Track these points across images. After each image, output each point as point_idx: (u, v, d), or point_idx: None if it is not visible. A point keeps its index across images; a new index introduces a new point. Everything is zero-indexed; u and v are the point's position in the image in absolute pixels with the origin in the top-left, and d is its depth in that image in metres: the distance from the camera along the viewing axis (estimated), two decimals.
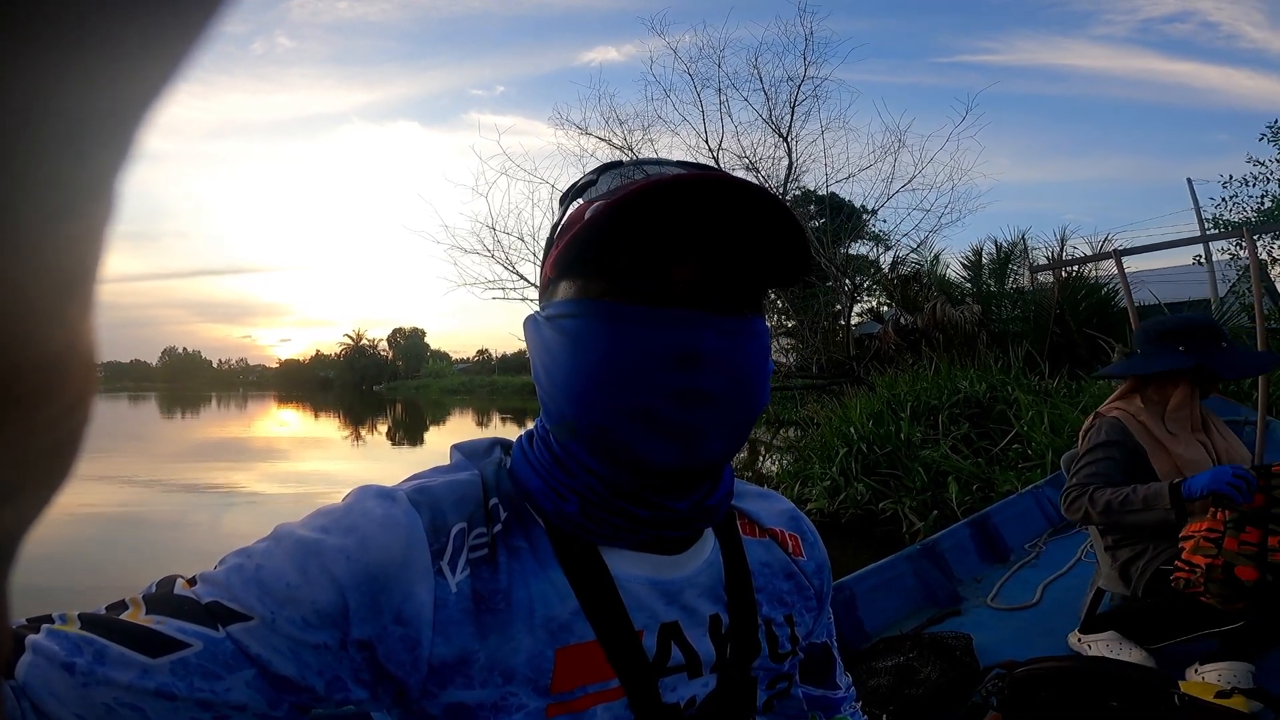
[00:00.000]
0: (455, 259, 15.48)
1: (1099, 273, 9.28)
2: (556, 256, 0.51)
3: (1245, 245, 4.16)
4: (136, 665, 0.41)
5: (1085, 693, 1.45)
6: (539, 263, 0.59)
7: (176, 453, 14.41)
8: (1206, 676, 1.63)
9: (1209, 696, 1.42)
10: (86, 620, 0.42)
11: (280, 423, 26.50)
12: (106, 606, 0.44)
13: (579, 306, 0.51)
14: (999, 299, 9.94)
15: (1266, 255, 13.00)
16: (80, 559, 5.29)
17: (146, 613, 0.43)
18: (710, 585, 0.58)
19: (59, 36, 0.09)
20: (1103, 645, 1.89)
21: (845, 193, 13.10)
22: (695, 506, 0.54)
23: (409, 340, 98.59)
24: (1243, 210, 13.78)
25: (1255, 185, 13.69)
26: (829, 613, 0.72)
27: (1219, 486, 1.61)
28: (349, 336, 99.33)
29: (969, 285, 10.71)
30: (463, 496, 0.53)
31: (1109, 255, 4.08)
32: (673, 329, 0.49)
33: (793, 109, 11.90)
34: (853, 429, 5.82)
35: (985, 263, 10.62)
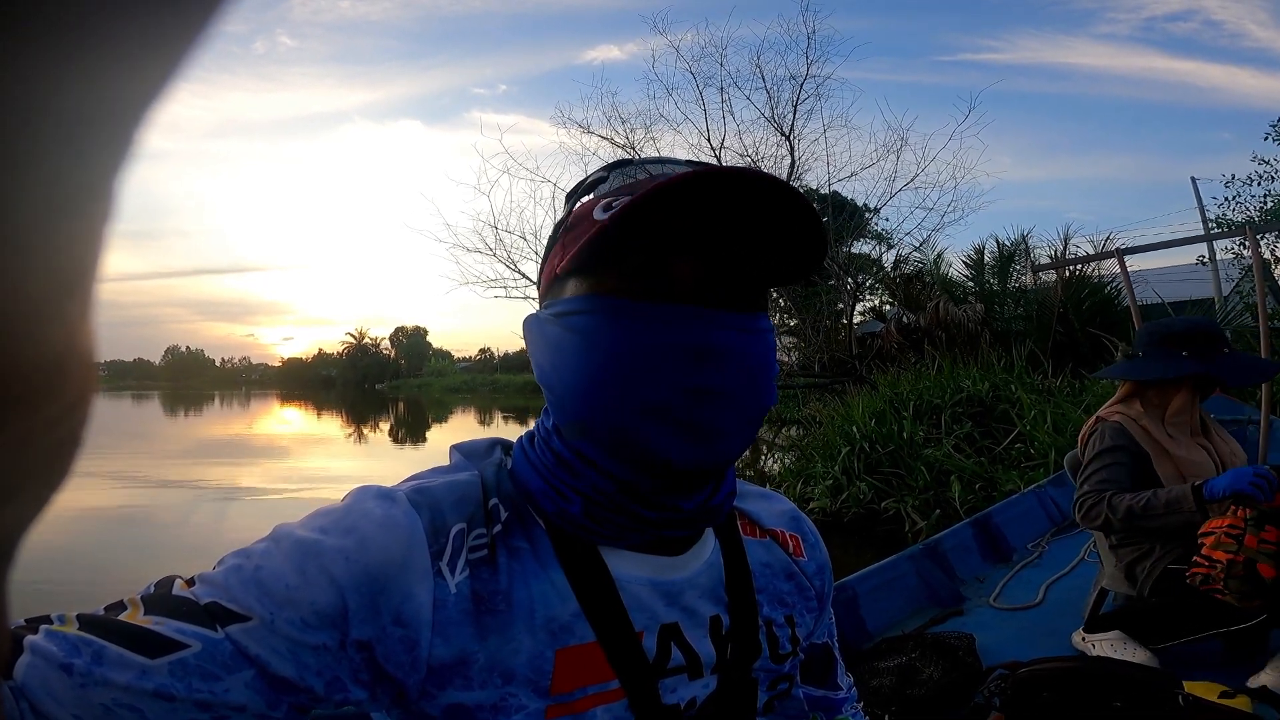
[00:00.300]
0: (457, 257, 15.48)
1: (1101, 272, 9.25)
2: (572, 254, 0.50)
3: (1249, 244, 4.14)
4: (135, 666, 0.41)
5: (1089, 693, 1.45)
6: (540, 261, 0.59)
7: (180, 451, 14.44)
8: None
9: (1213, 697, 1.41)
10: (85, 621, 0.42)
11: (283, 421, 26.57)
12: (105, 607, 0.44)
13: (592, 303, 0.50)
14: (1002, 298, 9.92)
15: (1270, 254, 12.94)
16: (82, 557, 5.30)
17: (145, 613, 0.43)
18: (711, 586, 0.57)
19: (59, 36, 0.09)
20: (1107, 645, 1.89)
21: (848, 191, 13.12)
22: (701, 506, 0.54)
23: (411, 339, 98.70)
24: (1245, 210, 13.71)
25: (1259, 184, 13.61)
26: (830, 613, 0.72)
27: (1241, 486, 1.61)
28: (351, 335, 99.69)
29: (971, 284, 10.68)
30: (462, 497, 0.53)
31: (1112, 254, 4.07)
32: (687, 326, 0.49)
33: (795, 107, 11.87)
34: (855, 428, 5.82)
35: (988, 261, 10.60)
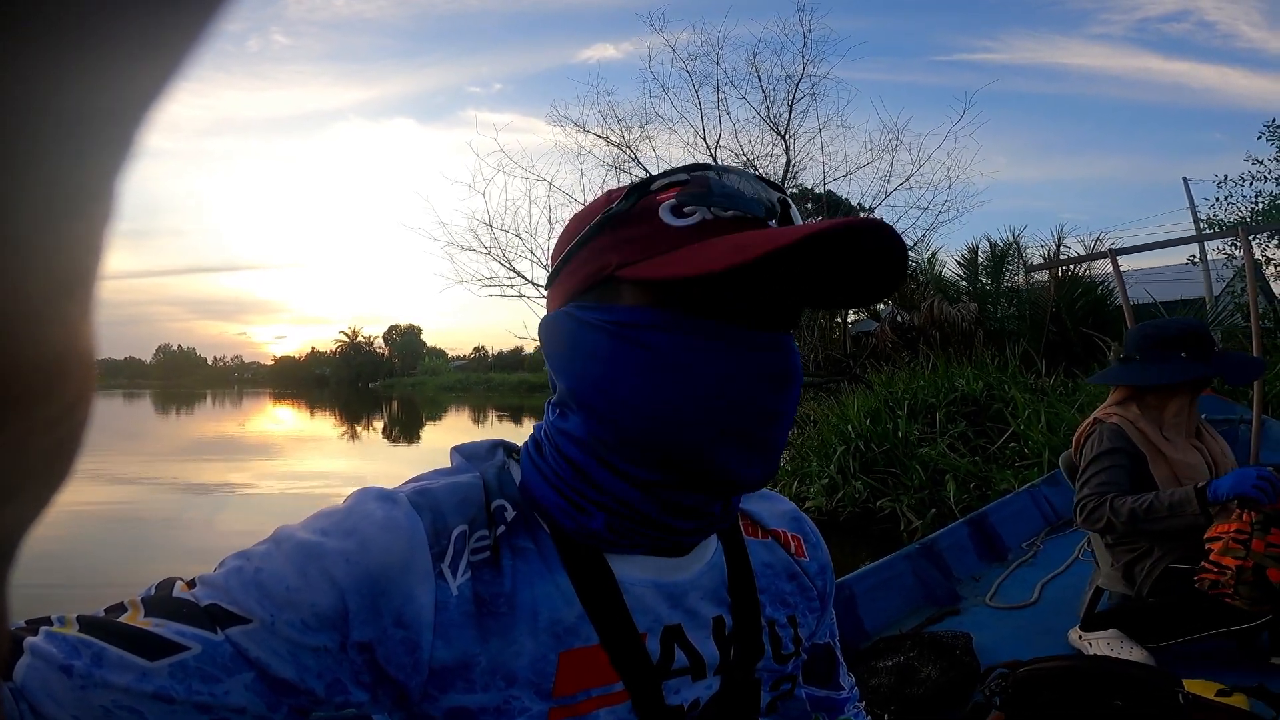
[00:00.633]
0: (452, 256, 15.37)
1: (1094, 272, 9.31)
2: (675, 265, 0.47)
3: (1240, 244, 4.17)
4: (135, 668, 0.41)
5: (1089, 692, 1.46)
6: (539, 257, 0.58)
7: (171, 450, 14.38)
8: None
9: (1211, 695, 1.42)
10: (85, 623, 0.42)
11: (276, 420, 26.47)
12: (105, 609, 0.44)
13: (676, 320, 0.49)
14: (995, 297, 9.97)
15: (1261, 255, 13.03)
16: (77, 558, 5.28)
17: (145, 615, 0.43)
18: (713, 587, 0.57)
19: (59, 36, 0.09)
20: (1104, 643, 1.89)
21: (843, 190, 13.07)
22: (725, 509, 0.55)
23: (405, 337, 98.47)
24: (1237, 210, 13.80)
25: (1250, 184, 13.71)
26: (832, 613, 0.72)
27: (1245, 489, 1.61)
28: (345, 334, 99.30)
29: (965, 284, 10.73)
30: (464, 499, 0.53)
31: (1104, 254, 4.09)
32: (775, 352, 0.51)
33: (790, 107, 11.90)
34: (850, 427, 5.84)
35: (981, 261, 10.64)
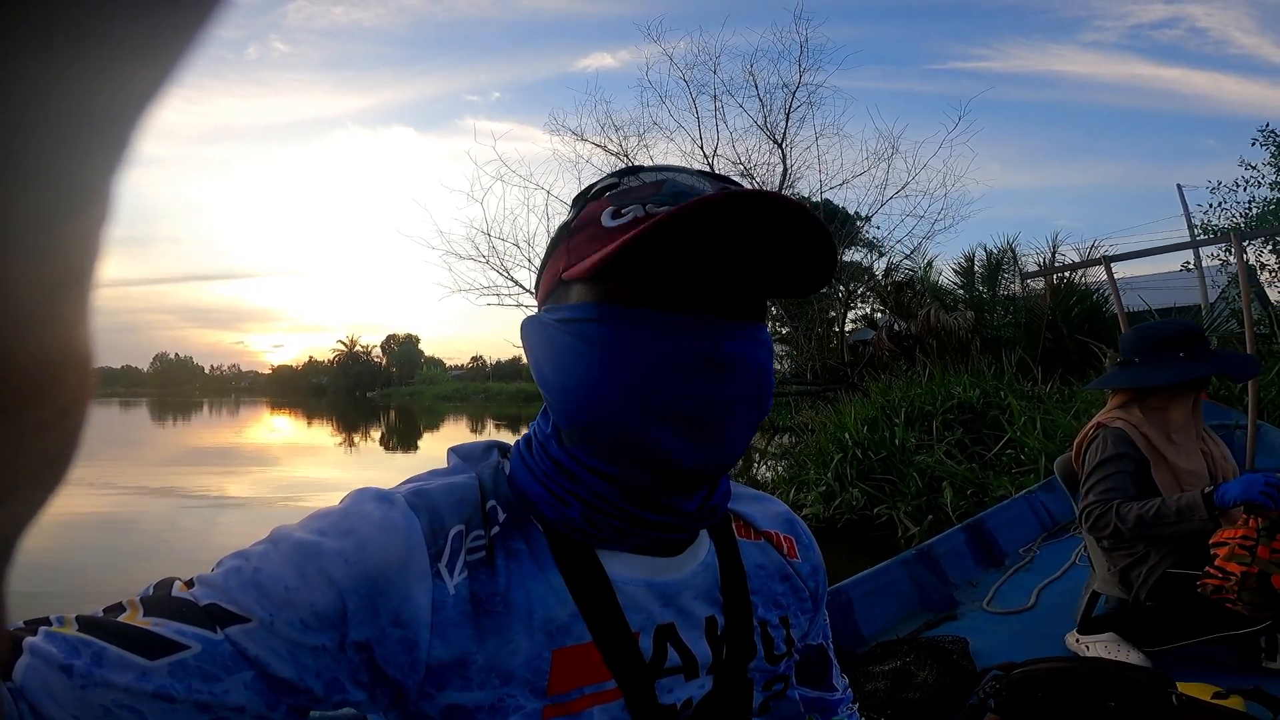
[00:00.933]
0: (450, 265, 15.38)
1: (1088, 279, 9.34)
2: (592, 263, 0.49)
3: (1234, 250, 4.19)
4: (135, 667, 0.41)
5: (1083, 693, 1.46)
6: (536, 266, 0.59)
7: (168, 459, 14.31)
8: None
9: (1206, 697, 1.42)
10: (84, 622, 0.42)
11: (273, 429, 26.37)
12: (104, 609, 0.44)
13: (605, 311, 0.50)
14: (991, 305, 9.99)
15: (1255, 260, 13.10)
16: (72, 565, 5.25)
17: (144, 615, 0.43)
18: (706, 587, 0.58)
19: (58, 36, 0.09)
20: (1100, 647, 1.89)
21: (839, 199, 13.14)
22: (702, 507, 0.55)
23: (403, 346, 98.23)
24: (1231, 216, 13.89)
25: (1244, 190, 13.79)
26: (824, 614, 0.72)
27: (1252, 495, 1.61)
28: (342, 343, 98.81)
29: (961, 292, 10.76)
30: (460, 499, 0.53)
31: (1098, 261, 4.12)
32: (703, 336, 0.50)
33: (787, 115, 11.93)
34: (847, 435, 5.84)
35: (977, 269, 10.68)
